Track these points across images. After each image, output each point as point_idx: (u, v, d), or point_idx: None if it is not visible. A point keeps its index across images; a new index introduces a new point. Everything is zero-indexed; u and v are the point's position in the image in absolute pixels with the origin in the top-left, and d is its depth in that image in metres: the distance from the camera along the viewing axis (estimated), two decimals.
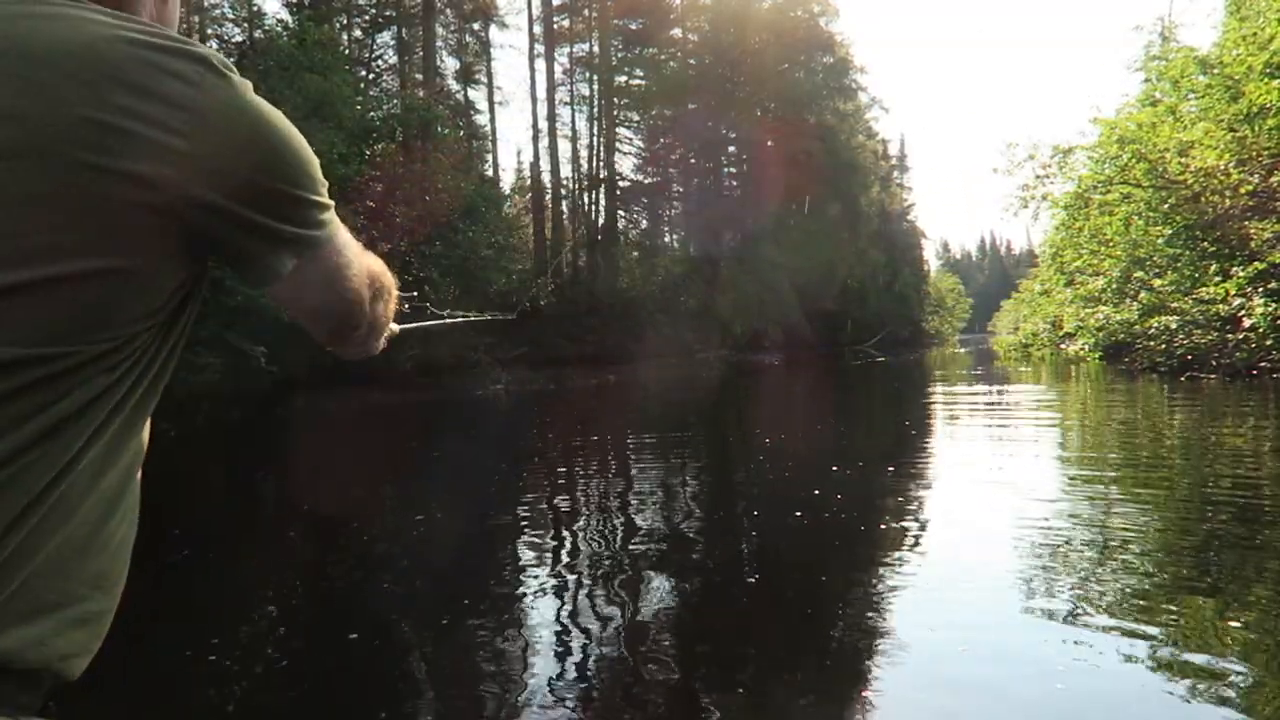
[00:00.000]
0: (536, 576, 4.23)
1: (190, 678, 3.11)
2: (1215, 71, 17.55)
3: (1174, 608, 3.40)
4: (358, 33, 28.96)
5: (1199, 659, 2.87)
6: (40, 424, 0.63)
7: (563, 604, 3.75)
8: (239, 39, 22.22)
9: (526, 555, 4.68)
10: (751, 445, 9.27)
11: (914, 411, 13.18)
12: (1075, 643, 3.05)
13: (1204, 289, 17.18)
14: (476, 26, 33.72)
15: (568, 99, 36.29)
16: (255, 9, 22.84)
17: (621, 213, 36.78)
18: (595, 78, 35.78)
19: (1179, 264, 18.86)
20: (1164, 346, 17.62)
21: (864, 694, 2.76)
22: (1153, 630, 3.15)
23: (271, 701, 2.89)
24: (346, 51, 25.59)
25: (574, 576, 4.18)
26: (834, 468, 7.19)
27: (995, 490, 5.99)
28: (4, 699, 0.62)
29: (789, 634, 3.38)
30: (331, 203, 0.83)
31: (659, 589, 3.98)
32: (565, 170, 35.40)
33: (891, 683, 2.82)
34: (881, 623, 3.39)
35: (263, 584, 4.42)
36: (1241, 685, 2.67)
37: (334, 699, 2.91)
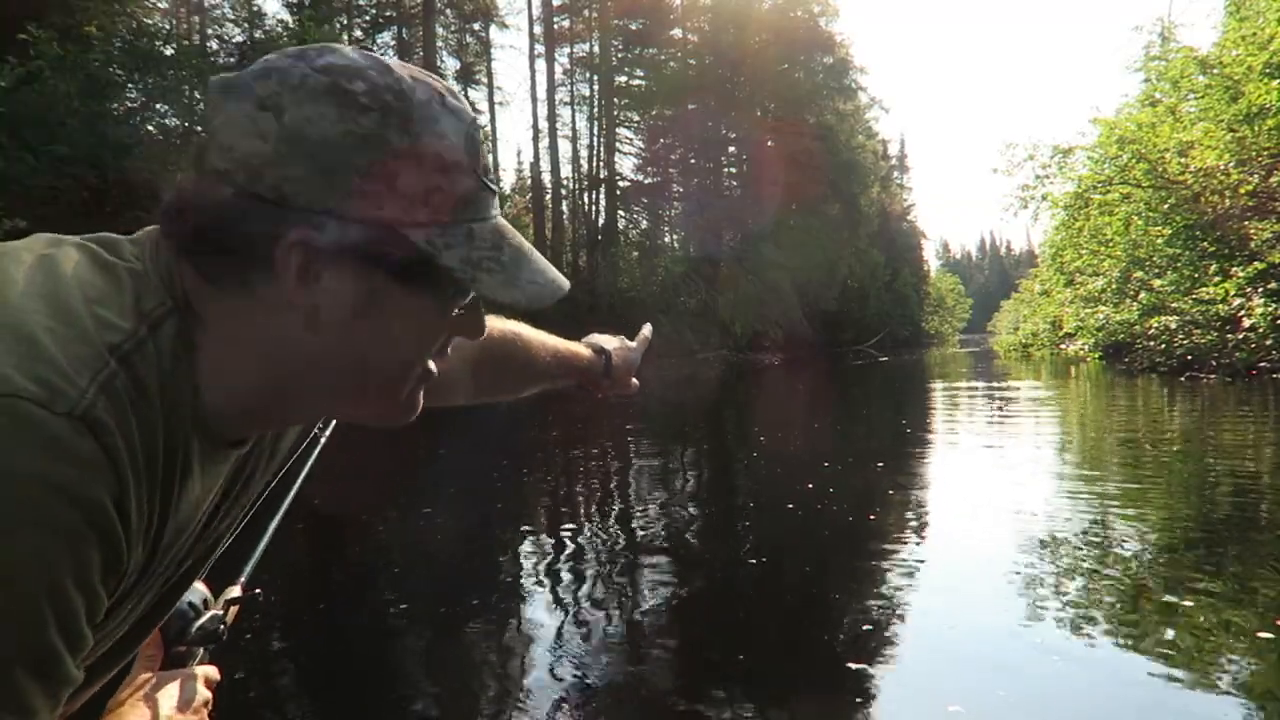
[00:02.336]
0: (538, 573, 4.24)
1: None
2: (1215, 72, 17.56)
3: (1172, 604, 3.41)
4: (358, 33, 28.98)
5: (1197, 654, 2.88)
6: None
7: (564, 600, 3.76)
8: (239, 39, 22.24)
9: (528, 551, 4.69)
10: (749, 444, 9.29)
11: (912, 411, 13.19)
12: (1069, 634, 3.07)
13: (1204, 289, 17.19)
14: (476, 26, 33.72)
15: (568, 99, 36.33)
16: (255, 9, 22.84)
17: (621, 213, 36.78)
18: (595, 78, 35.79)
19: (1179, 264, 18.86)
20: (1164, 346, 17.63)
21: (858, 684, 2.77)
22: (1150, 626, 3.16)
23: (271, 697, 2.90)
24: None
25: (575, 572, 4.20)
26: (825, 464, 7.22)
27: (990, 489, 6.00)
28: None
29: (784, 627, 3.39)
30: None
31: (658, 584, 3.99)
32: (565, 170, 35.40)
33: (884, 672, 2.84)
34: (873, 614, 3.40)
35: (264, 581, 4.42)
36: (1241, 682, 2.68)
37: (334, 696, 2.93)
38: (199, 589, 0.88)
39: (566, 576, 4.17)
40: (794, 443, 9.26)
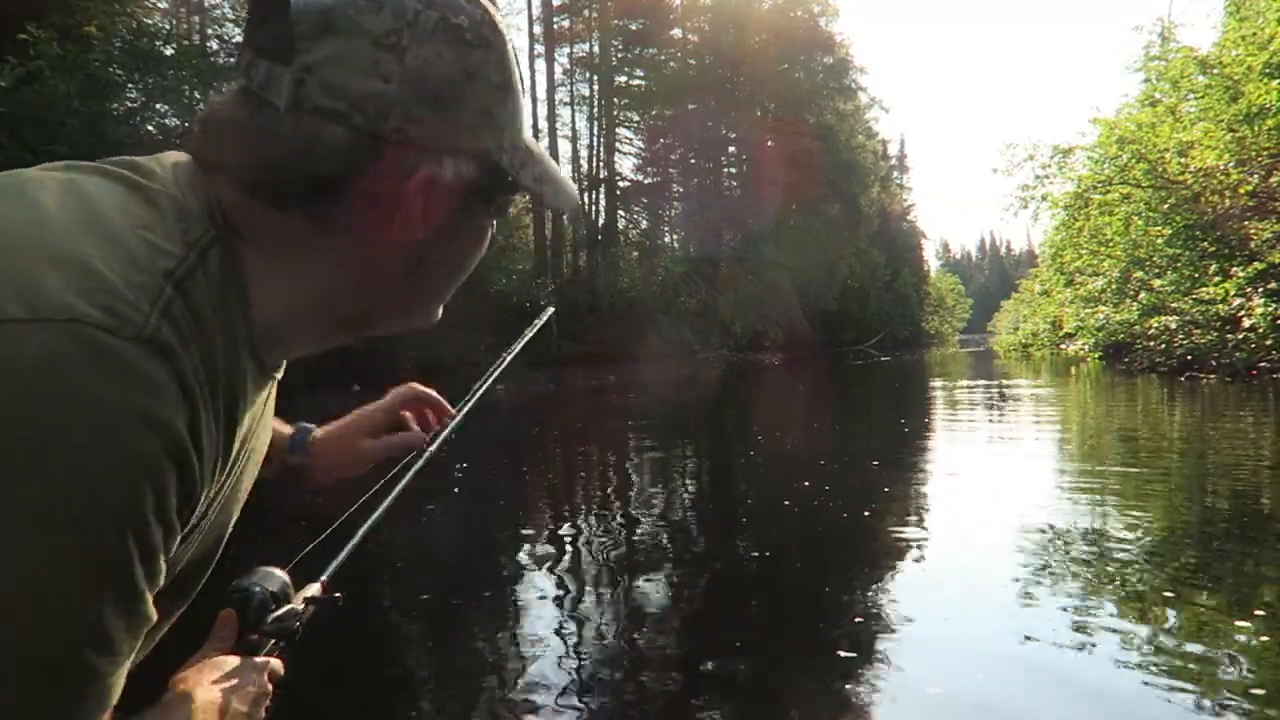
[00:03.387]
0: (539, 570, 4.24)
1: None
2: (1215, 72, 17.55)
3: (1171, 603, 3.41)
4: None
5: (1196, 655, 2.88)
6: None
7: (565, 597, 3.77)
8: (239, 39, 22.26)
9: (529, 549, 4.69)
10: (749, 444, 9.29)
11: (912, 411, 13.19)
12: (1058, 626, 3.07)
13: (1204, 289, 17.19)
14: None
15: (568, 99, 36.35)
16: None
17: (621, 213, 36.78)
18: (595, 78, 35.80)
19: (1179, 264, 18.87)
20: (1164, 346, 17.64)
21: (847, 672, 2.78)
22: (1141, 620, 3.17)
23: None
24: None
25: (575, 569, 4.20)
26: (822, 463, 7.23)
27: (987, 487, 6.00)
28: None
29: (779, 621, 3.40)
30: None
31: (657, 580, 3.99)
32: (565, 170, 35.40)
33: (873, 661, 2.84)
34: (866, 606, 3.41)
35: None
36: (1240, 682, 2.68)
37: (333, 694, 2.93)
38: (281, 577, 0.86)
39: (567, 574, 4.17)
40: (793, 442, 9.26)
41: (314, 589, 0.91)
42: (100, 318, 0.48)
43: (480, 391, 1.17)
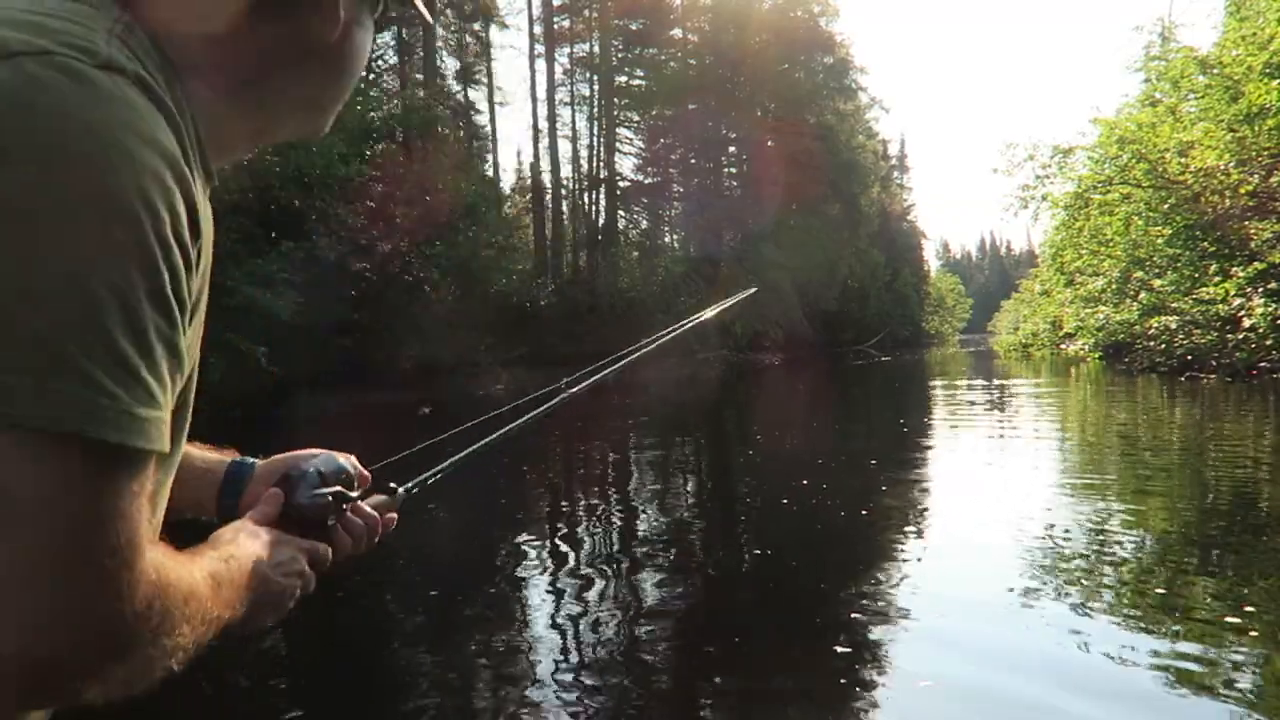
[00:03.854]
0: (539, 569, 4.24)
1: (183, 674, 3.12)
2: (1215, 72, 17.54)
3: (1169, 601, 3.41)
4: None
5: (1192, 652, 2.88)
6: None
7: (564, 596, 3.76)
8: None
9: (529, 548, 4.69)
10: (748, 443, 9.29)
11: (912, 411, 13.19)
12: (1049, 622, 3.07)
13: (1204, 289, 17.18)
14: (477, 27, 33.68)
15: (568, 99, 36.31)
16: None
17: (621, 213, 36.77)
18: (595, 78, 35.78)
19: (1179, 264, 18.86)
20: (1164, 346, 17.63)
21: (842, 667, 2.78)
22: (1146, 623, 3.17)
23: (268, 696, 2.89)
24: None
25: (575, 568, 4.20)
26: (820, 462, 7.23)
27: (985, 487, 6.00)
28: None
29: (776, 619, 3.40)
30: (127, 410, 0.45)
31: (656, 578, 3.99)
32: (565, 170, 35.31)
33: (867, 656, 2.85)
34: (861, 604, 3.41)
35: None
36: (1239, 679, 2.68)
37: (334, 692, 2.92)
38: (340, 463, 0.85)
39: (568, 572, 4.17)
40: (793, 442, 9.26)
41: (401, 489, 0.94)
42: (67, 51, 0.48)
43: (668, 335, 1.20)
